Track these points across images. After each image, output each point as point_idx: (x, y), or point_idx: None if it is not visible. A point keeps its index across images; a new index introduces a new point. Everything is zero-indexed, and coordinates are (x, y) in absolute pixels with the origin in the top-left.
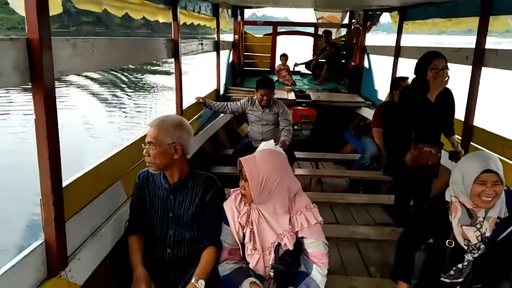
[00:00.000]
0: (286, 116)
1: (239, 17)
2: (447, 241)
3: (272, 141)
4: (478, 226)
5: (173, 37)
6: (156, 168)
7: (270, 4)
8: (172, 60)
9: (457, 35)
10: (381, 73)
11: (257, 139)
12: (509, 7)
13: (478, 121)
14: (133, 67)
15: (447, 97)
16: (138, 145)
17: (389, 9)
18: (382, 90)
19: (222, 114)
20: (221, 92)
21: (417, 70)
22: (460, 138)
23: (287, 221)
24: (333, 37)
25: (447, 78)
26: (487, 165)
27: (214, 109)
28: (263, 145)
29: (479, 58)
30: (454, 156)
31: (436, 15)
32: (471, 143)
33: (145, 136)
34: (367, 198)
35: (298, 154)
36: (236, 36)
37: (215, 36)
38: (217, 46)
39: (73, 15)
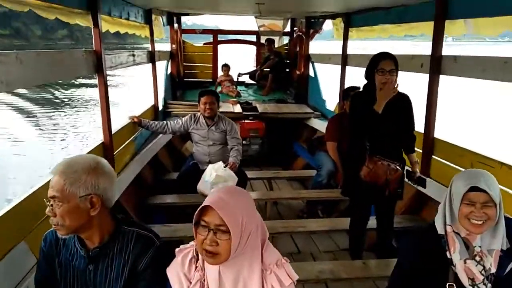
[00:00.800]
0: (234, 134)
1: (175, 25)
2: (448, 284)
3: (220, 163)
4: (478, 259)
5: (94, 48)
6: (66, 232)
7: (209, 10)
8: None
9: (412, 40)
10: (328, 82)
11: (204, 160)
12: (466, 11)
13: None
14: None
15: (401, 106)
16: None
17: (332, 16)
18: (330, 100)
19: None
20: (160, 107)
21: (366, 73)
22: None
23: (258, 285)
24: (276, 45)
25: (395, 85)
26: (475, 182)
27: (152, 129)
28: (211, 169)
29: (436, 65)
30: (410, 177)
31: (384, 21)
32: (433, 156)
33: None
34: (328, 223)
35: (249, 174)
36: (174, 46)
37: (149, 46)
38: (152, 57)
39: None
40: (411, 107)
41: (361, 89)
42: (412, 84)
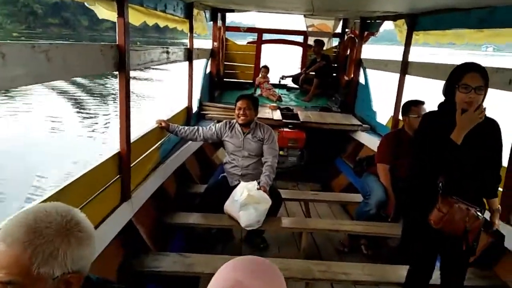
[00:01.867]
0: (272, 145)
1: (219, 22)
2: None
3: (255, 183)
4: None
5: (117, 42)
6: None
7: (256, 7)
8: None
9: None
10: (382, 92)
11: (236, 175)
12: None
13: None
14: None
15: (487, 135)
16: None
17: (394, 17)
18: (382, 112)
19: None
20: (194, 109)
21: (444, 89)
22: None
23: None
24: (325, 47)
25: (483, 108)
26: None
27: (181, 135)
28: (243, 187)
29: None
30: (486, 228)
31: (461, 25)
32: None
33: None
34: (378, 272)
35: (285, 193)
36: (216, 43)
37: (188, 42)
38: (189, 55)
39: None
40: (500, 138)
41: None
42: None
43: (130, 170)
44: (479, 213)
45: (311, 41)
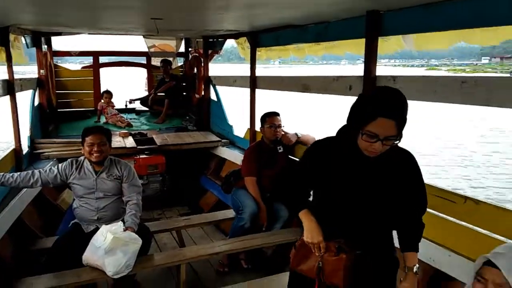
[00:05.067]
0: (134, 181)
1: (44, 46)
2: None
3: (120, 224)
4: None
5: None
6: None
7: (87, 28)
8: None
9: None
10: (234, 106)
11: (91, 219)
12: (403, 26)
13: None
14: None
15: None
16: None
17: (236, 35)
18: (239, 125)
19: None
20: (25, 149)
21: (348, 119)
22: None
23: None
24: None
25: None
26: (494, 256)
27: (10, 185)
28: (105, 230)
29: (370, 87)
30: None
31: (299, 40)
32: None
33: None
34: (263, 285)
35: (153, 225)
36: (42, 71)
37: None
38: (9, 87)
39: None
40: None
41: (279, 116)
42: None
43: None
44: (342, 246)
45: (154, 61)
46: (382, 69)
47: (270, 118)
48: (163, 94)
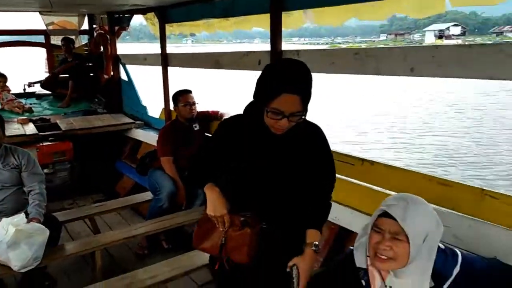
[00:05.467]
0: (34, 169)
1: None
2: None
3: (22, 216)
4: None
5: None
6: None
7: None
8: None
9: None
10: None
11: None
12: (304, 1)
13: None
14: None
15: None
16: None
17: (143, 11)
18: (154, 106)
19: None
20: None
21: (255, 95)
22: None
23: None
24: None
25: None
26: (389, 207)
27: None
28: (6, 223)
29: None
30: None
31: (208, 15)
32: None
33: None
34: (185, 262)
35: (62, 215)
36: None
37: None
38: None
39: None
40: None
41: (192, 93)
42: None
43: None
44: (248, 220)
45: (54, 40)
46: (292, 47)
47: (184, 96)
48: (67, 75)
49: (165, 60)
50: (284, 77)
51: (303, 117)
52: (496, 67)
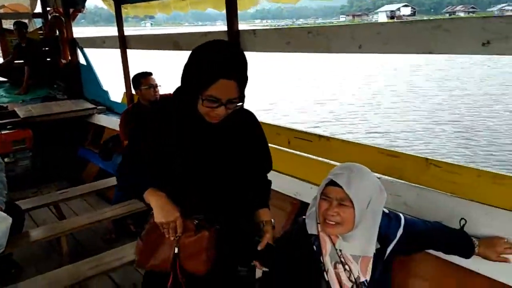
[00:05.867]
0: None
1: None
2: None
3: None
4: (344, 263)
5: None
6: None
7: None
8: None
9: None
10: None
11: None
12: None
13: None
14: None
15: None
16: None
17: None
18: (116, 90)
19: None
20: None
21: (182, 81)
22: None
23: None
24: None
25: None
26: (336, 176)
27: None
28: None
29: (234, 41)
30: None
31: None
32: None
33: None
34: None
35: (25, 203)
36: None
37: None
38: None
39: None
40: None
41: (153, 75)
42: None
43: None
44: (202, 223)
45: (6, 24)
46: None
47: (145, 79)
48: (23, 61)
49: (123, 43)
50: (220, 62)
51: (241, 103)
52: (435, 42)
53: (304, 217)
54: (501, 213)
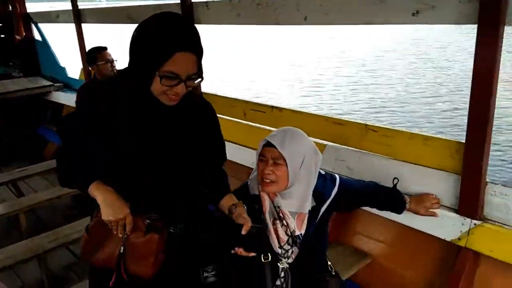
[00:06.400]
0: None
1: None
2: (262, 256)
3: None
4: (282, 218)
5: None
6: None
7: None
8: None
9: None
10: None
11: None
12: None
13: None
14: None
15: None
16: None
17: None
18: (73, 66)
19: None
20: None
21: (131, 56)
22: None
23: None
24: None
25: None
26: (270, 137)
27: None
28: None
29: (188, 15)
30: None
31: None
32: None
33: None
34: None
35: None
36: None
37: None
38: None
39: None
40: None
41: (108, 50)
42: None
43: None
44: (154, 223)
45: None
46: None
47: (101, 54)
48: None
49: (78, 17)
50: (174, 34)
51: (200, 80)
52: (373, 14)
53: (247, 180)
54: (430, 172)
